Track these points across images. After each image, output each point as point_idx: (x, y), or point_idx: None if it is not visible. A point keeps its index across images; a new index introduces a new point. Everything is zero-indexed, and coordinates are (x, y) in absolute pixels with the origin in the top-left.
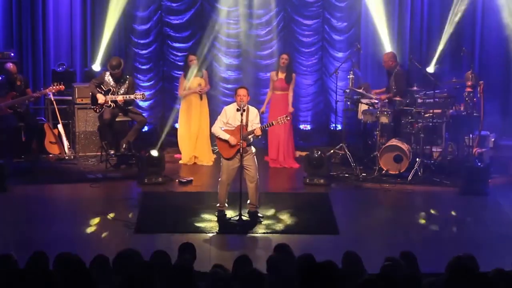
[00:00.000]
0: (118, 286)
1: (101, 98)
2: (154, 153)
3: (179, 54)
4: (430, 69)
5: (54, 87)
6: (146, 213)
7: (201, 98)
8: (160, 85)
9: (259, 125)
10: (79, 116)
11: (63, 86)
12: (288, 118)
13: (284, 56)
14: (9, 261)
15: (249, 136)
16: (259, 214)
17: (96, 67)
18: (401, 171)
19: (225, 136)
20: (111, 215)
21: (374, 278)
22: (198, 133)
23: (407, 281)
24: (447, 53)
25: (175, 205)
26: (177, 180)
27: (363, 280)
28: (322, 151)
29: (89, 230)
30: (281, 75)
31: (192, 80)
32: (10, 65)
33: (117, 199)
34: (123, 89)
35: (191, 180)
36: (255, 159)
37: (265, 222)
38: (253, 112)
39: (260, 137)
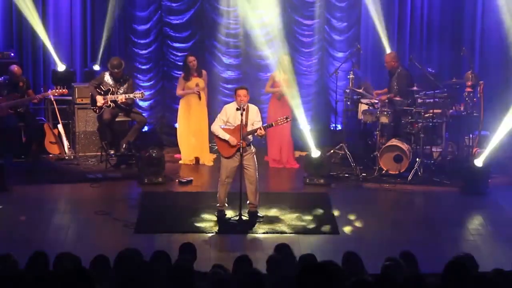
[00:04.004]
0: (118, 286)
1: (100, 101)
2: (154, 153)
3: (179, 54)
4: (430, 69)
5: (56, 90)
6: (146, 213)
7: (199, 98)
8: (160, 85)
9: (261, 123)
10: (79, 116)
11: (66, 90)
12: (288, 119)
13: (285, 56)
14: (9, 261)
15: (249, 136)
16: (259, 214)
17: (96, 67)
18: (401, 171)
19: (225, 136)
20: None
21: (371, 278)
22: (198, 133)
23: (407, 281)
24: (447, 53)
25: (175, 205)
26: (177, 180)
27: (357, 279)
28: (322, 151)
29: (89, 230)
30: (285, 76)
31: (191, 80)
32: (15, 67)
33: (117, 199)
34: (122, 90)
35: (191, 180)
36: (255, 159)
37: (265, 222)
38: (253, 110)
39: (264, 136)
